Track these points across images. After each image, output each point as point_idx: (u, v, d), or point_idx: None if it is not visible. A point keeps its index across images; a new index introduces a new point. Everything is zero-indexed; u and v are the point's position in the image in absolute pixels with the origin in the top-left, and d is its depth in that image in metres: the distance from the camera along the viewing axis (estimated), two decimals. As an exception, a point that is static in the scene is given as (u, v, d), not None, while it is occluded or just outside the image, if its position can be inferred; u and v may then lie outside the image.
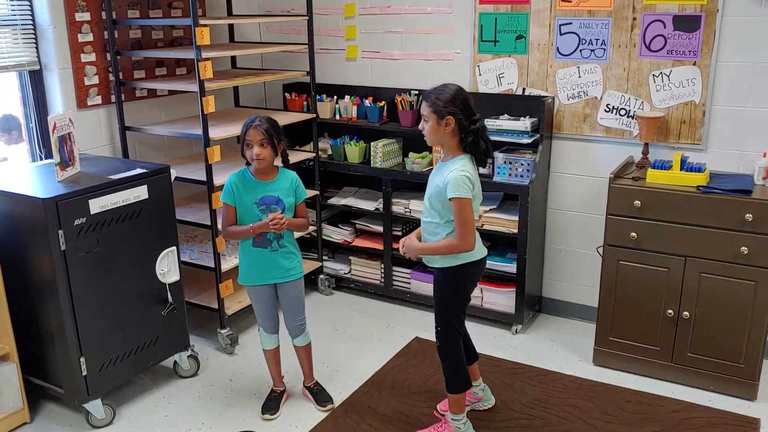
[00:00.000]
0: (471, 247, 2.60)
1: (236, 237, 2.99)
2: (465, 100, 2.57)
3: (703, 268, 3.16)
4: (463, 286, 2.76)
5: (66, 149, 3.03)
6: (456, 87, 2.59)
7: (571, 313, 4.05)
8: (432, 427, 2.97)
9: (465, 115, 2.56)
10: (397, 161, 4.21)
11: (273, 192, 2.94)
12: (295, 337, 3.17)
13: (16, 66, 3.39)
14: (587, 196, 3.82)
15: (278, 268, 3.01)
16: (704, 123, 3.44)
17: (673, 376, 3.35)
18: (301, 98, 4.40)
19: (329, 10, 4.35)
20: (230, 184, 2.94)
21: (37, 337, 3.01)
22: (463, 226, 2.56)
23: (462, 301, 2.79)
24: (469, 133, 2.58)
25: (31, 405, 3.14)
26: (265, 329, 3.13)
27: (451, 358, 2.80)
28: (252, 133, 2.85)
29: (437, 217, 2.66)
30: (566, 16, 3.63)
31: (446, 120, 2.56)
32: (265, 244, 2.97)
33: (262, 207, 2.93)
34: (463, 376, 2.82)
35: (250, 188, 2.93)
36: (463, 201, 2.54)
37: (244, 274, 3.04)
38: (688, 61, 3.41)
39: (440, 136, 2.61)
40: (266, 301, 3.07)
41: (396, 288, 4.24)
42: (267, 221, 2.88)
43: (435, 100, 2.56)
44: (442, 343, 2.80)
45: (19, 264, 2.92)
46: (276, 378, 3.24)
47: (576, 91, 3.71)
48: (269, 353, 3.19)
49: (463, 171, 2.55)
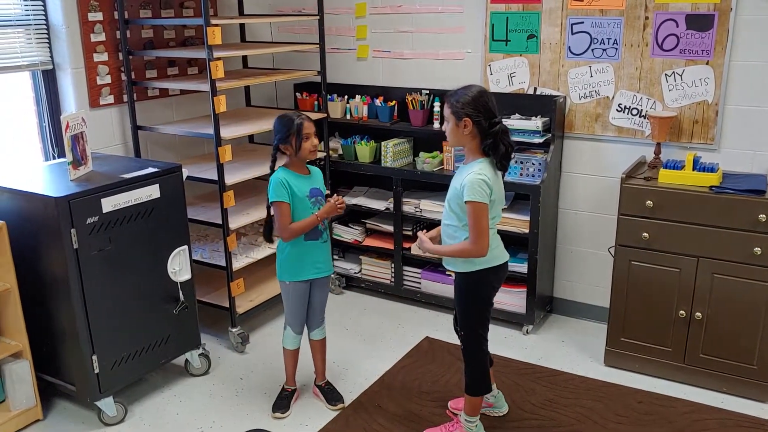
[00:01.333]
0: (483, 252, 2.56)
1: (302, 231, 2.94)
2: (485, 102, 2.54)
3: (715, 269, 3.13)
4: (483, 292, 2.72)
5: (78, 148, 3.05)
6: (478, 89, 2.57)
7: (583, 314, 4.03)
8: (443, 425, 2.97)
9: (484, 118, 2.53)
10: (408, 161, 4.21)
11: (315, 184, 3.01)
12: (315, 330, 3.20)
13: (29, 66, 3.42)
14: (599, 196, 3.81)
15: (326, 260, 3.08)
16: (717, 123, 3.41)
17: (685, 378, 3.33)
18: (312, 98, 4.41)
19: (340, 9, 4.35)
20: (282, 182, 2.90)
21: (50, 334, 3.03)
22: (476, 231, 2.53)
23: (483, 307, 2.75)
24: (489, 136, 2.55)
25: (44, 402, 3.16)
26: (293, 328, 3.14)
27: (474, 362, 2.78)
28: (308, 125, 2.91)
29: (456, 220, 2.64)
30: (578, 15, 3.61)
31: (464, 121, 2.54)
32: (316, 236, 3.01)
33: (313, 199, 2.97)
34: (485, 380, 2.80)
35: (300, 182, 2.95)
36: (478, 205, 2.51)
37: (291, 270, 3.03)
38: (701, 61, 3.38)
39: (459, 138, 2.60)
40: (304, 299, 3.09)
41: (406, 288, 4.24)
42: (333, 204, 2.94)
43: (454, 101, 2.55)
44: (466, 347, 2.79)
45: (32, 262, 2.95)
46: (290, 376, 3.25)
47: (588, 90, 3.70)
48: (290, 353, 3.20)
49: (480, 174, 2.52)
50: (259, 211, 3.83)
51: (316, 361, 3.27)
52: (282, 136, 2.90)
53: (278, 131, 2.92)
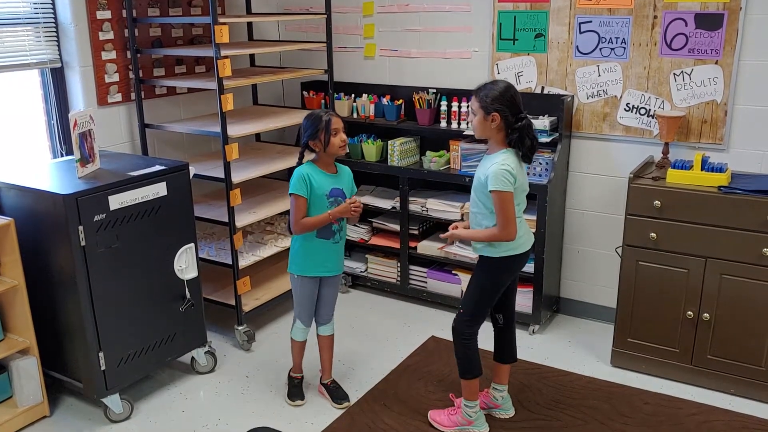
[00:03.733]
0: (512, 237, 2.68)
1: (313, 227, 2.99)
2: (512, 97, 2.64)
3: (723, 270, 3.12)
4: (500, 276, 2.83)
5: (86, 146, 3.06)
6: (505, 84, 2.68)
7: (589, 314, 4.02)
8: (446, 409, 3.04)
9: (511, 113, 2.64)
10: (415, 160, 4.20)
11: (338, 185, 3.02)
12: (323, 326, 3.23)
13: (38, 63, 3.43)
14: (606, 196, 3.79)
15: (335, 261, 3.11)
16: (726, 122, 3.39)
17: (693, 379, 3.31)
18: (319, 96, 4.41)
19: (348, 8, 4.35)
20: (303, 176, 2.93)
21: (57, 331, 3.04)
22: (503, 217, 2.64)
23: (494, 291, 2.84)
24: (515, 130, 2.65)
25: (51, 399, 3.18)
26: (302, 321, 3.18)
27: (463, 343, 2.87)
28: (337, 120, 2.93)
29: (482, 208, 2.74)
30: (586, 14, 3.60)
31: (492, 116, 2.64)
32: (329, 235, 3.04)
33: (331, 199, 2.99)
34: (474, 362, 2.87)
35: (322, 180, 2.97)
36: (503, 194, 2.62)
37: (301, 264, 3.07)
38: (710, 60, 3.36)
39: (486, 131, 2.70)
40: (312, 294, 3.13)
41: (412, 287, 4.23)
42: (347, 205, 2.96)
43: (483, 96, 2.65)
44: (457, 327, 2.86)
45: (40, 259, 2.96)
46: (297, 365, 3.30)
47: (595, 89, 3.68)
48: (299, 344, 3.25)
49: (503, 165, 2.62)
50: (265, 209, 3.84)
51: (323, 359, 3.28)
52: (311, 133, 2.93)
53: (306, 128, 2.95)
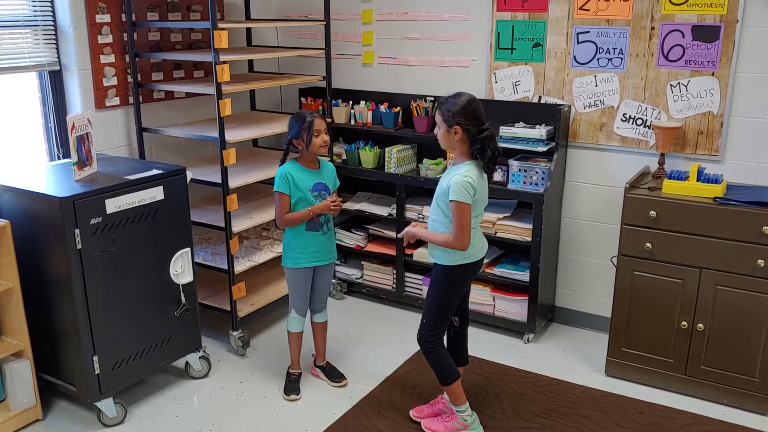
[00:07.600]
0: (464, 247, 2.74)
1: (295, 222, 3.15)
2: (474, 110, 2.71)
3: (718, 281, 3.13)
4: (460, 284, 2.92)
5: (84, 149, 3.06)
6: (468, 98, 2.73)
7: (584, 323, 4.02)
8: (441, 416, 3.06)
9: (473, 125, 2.70)
10: (412, 167, 4.21)
11: (322, 179, 3.18)
12: (318, 314, 3.41)
13: (36, 66, 3.43)
14: (602, 206, 3.80)
15: (326, 250, 3.27)
16: (722, 134, 3.41)
17: (687, 389, 3.32)
18: (317, 103, 4.41)
19: (347, 15, 4.37)
20: (285, 174, 3.11)
21: (51, 334, 3.03)
22: (459, 227, 2.71)
23: (452, 299, 2.92)
24: (477, 141, 2.71)
25: (44, 402, 3.16)
26: (298, 311, 3.32)
27: (433, 353, 2.93)
28: (320, 122, 3.09)
29: (441, 216, 2.81)
30: (584, 25, 3.62)
31: (455, 129, 2.72)
32: (317, 228, 3.19)
33: (315, 193, 3.14)
34: (449, 367, 2.94)
35: (305, 176, 3.14)
36: (462, 205, 2.69)
37: (293, 257, 3.22)
38: (706, 72, 3.39)
39: (450, 143, 2.78)
40: (306, 284, 3.28)
41: (408, 294, 4.23)
42: (327, 203, 3.12)
43: (446, 110, 2.72)
44: (423, 337, 2.93)
45: (36, 262, 2.95)
46: (296, 361, 3.42)
47: (592, 99, 3.70)
48: (295, 336, 3.37)
49: (465, 176, 2.69)
50: (262, 214, 3.84)
51: (318, 342, 3.46)
52: (295, 132, 3.10)
53: (291, 127, 3.12)
